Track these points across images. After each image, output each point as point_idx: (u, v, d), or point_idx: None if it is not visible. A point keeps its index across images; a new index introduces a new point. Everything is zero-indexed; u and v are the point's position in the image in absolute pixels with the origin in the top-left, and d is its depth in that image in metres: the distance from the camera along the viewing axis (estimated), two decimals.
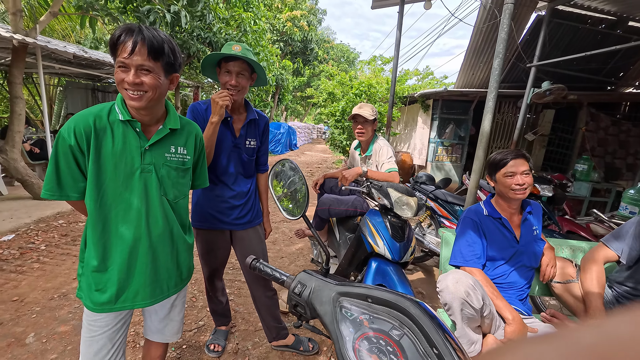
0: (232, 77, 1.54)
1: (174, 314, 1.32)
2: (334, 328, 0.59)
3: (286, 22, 15.77)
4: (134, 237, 1.08)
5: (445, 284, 1.42)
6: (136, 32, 0.97)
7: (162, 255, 1.16)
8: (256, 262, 0.81)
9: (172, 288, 1.23)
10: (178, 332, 1.38)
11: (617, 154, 6.68)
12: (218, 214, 1.71)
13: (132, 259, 1.10)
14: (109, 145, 1.03)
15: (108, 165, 1.03)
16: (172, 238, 1.19)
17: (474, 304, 1.35)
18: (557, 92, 4.51)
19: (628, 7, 5.14)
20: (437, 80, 16.45)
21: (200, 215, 1.73)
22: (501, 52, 2.22)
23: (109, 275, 1.08)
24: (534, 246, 1.64)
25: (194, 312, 2.43)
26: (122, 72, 0.98)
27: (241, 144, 1.69)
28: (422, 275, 3.28)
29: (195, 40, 7.86)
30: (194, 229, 1.78)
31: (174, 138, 1.16)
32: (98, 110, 1.04)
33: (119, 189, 1.05)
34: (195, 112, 1.63)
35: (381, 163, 2.24)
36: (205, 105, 1.64)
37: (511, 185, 1.58)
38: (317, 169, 10.40)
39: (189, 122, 1.25)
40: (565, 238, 2.67)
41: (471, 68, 6.51)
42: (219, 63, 1.58)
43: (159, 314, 1.29)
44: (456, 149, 7.19)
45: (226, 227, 1.75)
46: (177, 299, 1.31)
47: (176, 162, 1.16)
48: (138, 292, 1.13)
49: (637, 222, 1.55)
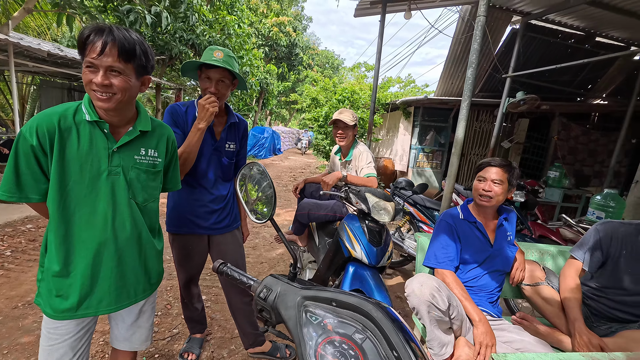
0: (212, 84, 1.52)
1: (143, 321, 1.28)
2: (297, 332, 0.59)
3: (272, 27, 15.79)
4: (99, 241, 1.04)
5: (411, 289, 1.44)
6: (106, 32, 0.94)
7: (130, 259, 1.13)
8: (223, 266, 0.79)
9: (140, 293, 1.19)
10: (147, 339, 1.33)
11: (586, 162, 7.02)
12: (196, 218, 1.67)
13: (97, 263, 1.06)
14: (74, 146, 0.99)
15: (73, 166, 0.99)
16: (140, 242, 1.15)
17: (439, 305, 1.38)
18: (531, 101, 4.71)
19: (595, 24, 5.46)
20: (418, 89, 16.84)
21: (177, 220, 1.69)
22: (474, 62, 2.31)
23: (72, 280, 1.04)
24: (507, 251, 1.69)
25: (167, 319, 2.36)
26: (90, 73, 0.95)
27: (221, 147, 1.67)
28: (401, 279, 3.32)
29: (178, 42, 7.76)
30: (170, 235, 1.74)
31: (145, 140, 1.13)
32: (63, 110, 1.00)
33: (84, 191, 1.01)
34: (174, 114, 1.59)
35: (360, 168, 2.26)
36: (185, 107, 1.61)
37: (479, 190, 1.63)
38: (300, 173, 10.38)
39: (161, 124, 1.22)
40: (536, 242, 2.77)
41: (450, 77, 6.72)
42: (200, 67, 1.57)
43: (126, 321, 1.24)
44: (436, 155, 7.36)
45: (204, 231, 1.71)
46: (146, 305, 1.27)
47: (146, 164, 1.13)
48: (102, 298, 1.09)
49: (594, 230, 1.62)
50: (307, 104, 8.86)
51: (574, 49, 6.18)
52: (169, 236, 1.75)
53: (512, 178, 1.62)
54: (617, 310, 1.53)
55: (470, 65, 2.33)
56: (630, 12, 4.62)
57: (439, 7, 5.79)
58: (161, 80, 8.87)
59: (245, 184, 1.07)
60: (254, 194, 1.06)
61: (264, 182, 0.85)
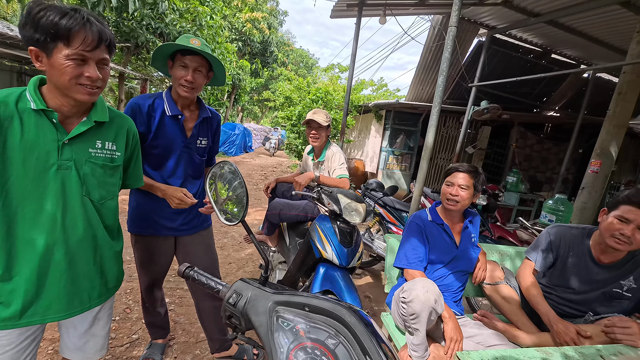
0: (188, 72, 1.41)
1: (97, 329, 1.18)
2: (268, 339, 0.57)
3: (246, 22, 15.45)
4: (46, 243, 0.95)
5: (416, 294, 1.40)
6: (92, 21, 0.89)
7: (83, 263, 1.03)
8: (189, 270, 0.75)
9: (95, 299, 1.10)
10: (102, 348, 1.23)
11: (539, 169, 7.58)
12: (162, 219, 1.57)
13: (44, 267, 0.96)
14: (16, 137, 0.89)
15: (15, 159, 0.89)
16: (95, 244, 1.06)
17: (438, 310, 1.39)
18: (494, 110, 5.00)
19: (551, 42, 5.91)
20: (390, 92, 17.26)
21: (140, 221, 1.58)
22: (445, 70, 2.40)
23: (14, 285, 0.93)
24: (471, 252, 1.77)
25: (127, 324, 2.22)
26: (77, 66, 0.88)
27: (192, 144, 1.57)
28: (370, 279, 3.38)
29: (145, 30, 7.35)
30: (132, 235, 1.62)
31: (102, 132, 1.04)
32: (3, 97, 0.89)
33: (29, 187, 0.91)
34: (135, 110, 1.43)
35: (333, 169, 2.27)
36: (152, 99, 1.48)
37: (447, 194, 1.69)
38: (271, 172, 10.26)
39: (121, 115, 1.13)
40: (496, 243, 2.94)
41: (421, 83, 6.96)
42: (172, 55, 1.46)
43: (78, 329, 1.14)
44: (406, 158, 7.59)
45: (170, 233, 1.61)
46: (102, 311, 1.18)
47: (103, 158, 1.04)
48: (51, 305, 0.99)
49: (546, 233, 1.74)
50: (281, 102, 8.77)
51: (533, 64, 6.64)
52: (131, 237, 1.64)
53: (477, 183, 1.70)
54: (565, 307, 1.65)
55: (441, 73, 2.42)
56: (581, 33, 5.05)
57: (413, 15, 5.97)
58: (125, 69, 8.36)
59: (215, 182, 1.02)
60: (224, 193, 1.01)
61: (235, 182, 0.82)
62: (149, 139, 1.47)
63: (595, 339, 1.37)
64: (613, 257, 1.52)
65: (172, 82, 1.50)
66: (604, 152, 3.61)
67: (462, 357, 1.01)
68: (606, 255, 1.53)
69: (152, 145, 1.48)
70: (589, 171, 3.72)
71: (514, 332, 1.62)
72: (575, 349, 1.15)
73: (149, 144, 1.48)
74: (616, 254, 1.51)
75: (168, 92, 1.53)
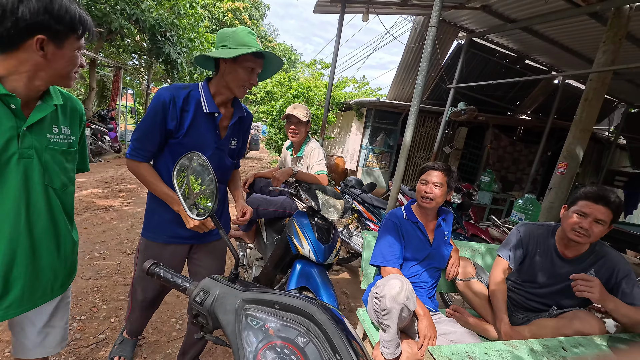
0: (254, 75, 1.32)
1: (57, 320, 1.12)
2: (235, 339, 0.54)
3: (226, 12, 15.06)
4: (9, 237, 0.89)
5: (388, 290, 1.41)
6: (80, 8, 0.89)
7: (47, 253, 0.99)
8: (155, 267, 0.71)
9: (57, 289, 1.06)
10: (63, 340, 1.16)
11: (510, 170, 7.90)
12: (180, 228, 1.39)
13: (9, 261, 0.90)
14: None
15: None
16: (58, 233, 1.02)
17: (410, 307, 1.41)
18: (470, 112, 5.15)
19: (526, 48, 6.14)
20: (372, 91, 17.42)
21: (157, 227, 1.42)
22: (424, 69, 2.43)
23: None
24: (443, 250, 1.81)
25: (93, 324, 2.11)
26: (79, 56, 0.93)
27: (225, 145, 1.43)
28: (347, 275, 3.40)
29: (119, 15, 6.99)
30: (144, 241, 1.47)
31: (56, 116, 0.98)
32: None
33: None
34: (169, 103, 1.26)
35: (312, 165, 2.25)
36: (187, 90, 1.32)
37: (421, 192, 1.72)
38: (251, 167, 10.11)
39: (71, 97, 1.07)
40: (469, 240, 3.03)
41: (401, 82, 7.05)
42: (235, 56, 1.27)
43: (36, 324, 1.07)
44: (385, 156, 7.69)
45: (189, 241, 1.48)
46: (61, 301, 1.12)
47: (62, 144, 0.99)
48: (16, 299, 0.94)
49: (516, 231, 1.81)
50: (261, 97, 8.63)
51: (508, 68, 6.89)
52: (142, 242, 1.48)
53: (451, 181, 1.73)
54: (532, 301, 1.72)
55: (420, 72, 2.45)
56: (553, 41, 5.28)
57: (395, 15, 6.02)
58: (97, 55, 7.94)
59: (187, 175, 0.97)
60: (197, 187, 0.97)
61: (205, 176, 0.78)
62: (180, 136, 1.32)
63: (555, 333, 1.45)
64: (576, 252, 1.61)
65: (225, 80, 1.33)
66: (571, 155, 3.80)
67: (433, 351, 1.03)
68: (569, 249, 1.61)
69: (180, 143, 1.32)
70: (556, 172, 3.91)
71: (484, 326, 1.68)
72: (539, 341, 1.20)
73: (177, 141, 1.32)
74: (578, 248, 1.60)
75: (205, 84, 1.37)
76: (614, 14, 3.60)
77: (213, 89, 1.36)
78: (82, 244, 3.21)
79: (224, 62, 1.30)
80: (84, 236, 3.39)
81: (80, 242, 3.22)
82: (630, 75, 5.93)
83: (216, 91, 1.36)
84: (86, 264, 2.83)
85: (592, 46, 4.99)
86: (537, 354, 1.11)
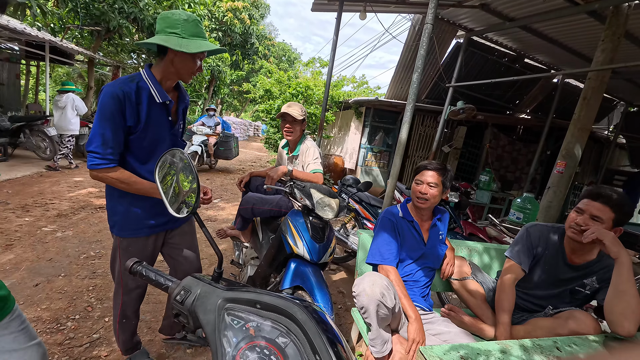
0: (199, 63, 1.37)
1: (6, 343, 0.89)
2: (215, 338, 0.53)
3: (226, 11, 15.02)
4: None
5: (362, 288, 1.42)
6: None
7: None
8: (137, 265, 0.70)
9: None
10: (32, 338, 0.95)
11: (509, 169, 7.89)
12: (157, 216, 1.48)
13: None
14: None
15: None
16: None
17: (388, 304, 1.40)
18: (469, 111, 5.13)
19: (525, 47, 6.12)
20: (371, 90, 17.36)
21: (135, 223, 1.45)
22: (420, 67, 2.41)
23: None
24: (438, 249, 1.79)
25: (87, 323, 2.10)
26: None
27: (177, 130, 1.51)
28: (344, 275, 3.38)
29: (117, 14, 6.97)
30: (124, 240, 1.46)
31: None
32: None
33: None
34: (124, 100, 1.24)
35: (307, 163, 2.23)
36: (134, 82, 1.29)
37: (416, 192, 1.71)
38: (250, 167, 10.09)
39: None
40: (467, 239, 3.02)
41: (400, 82, 7.03)
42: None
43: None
44: (384, 155, 7.67)
45: (161, 229, 1.54)
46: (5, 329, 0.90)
47: None
48: None
49: (525, 232, 1.73)
50: (260, 95, 8.61)
51: (507, 67, 6.87)
52: (121, 242, 1.48)
53: (446, 180, 1.72)
54: (528, 302, 1.71)
55: (415, 70, 2.43)
56: (552, 40, 5.27)
57: (393, 13, 6.00)
58: (95, 54, 7.92)
59: (177, 173, 0.96)
60: (187, 185, 0.96)
61: (187, 171, 0.77)
62: (139, 130, 1.32)
63: (550, 333, 1.43)
64: (583, 259, 1.57)
65: (175, 67, 1.33)
66: (569, 154, 3.79)
67: (425, 352, 1.02)
68: (577, 255, 1.58)
69: (140, 137, 1.34)
70: (554, 172, 3.90)
71: (479, 325, 1.67)
72: (533, 341, 1.19)
73: (137, 136, 1.32)
74: (587, 255, 1.56)
75: (149, 73, 1.34)
76: (613, 12, 3.58)
77: (159, 75, 1.35)
78: (78, 243, 3.20)
79: (175, 51, 1.28)
80: (80, 235, 3.38)
81: (77, 241, 3.22)
82: (629, 74, 5.92)
83: (163, 77, 1.36)
84: (82, 263, 2.82)
85: (590, 45, 4.97)
86: (530, 353, 1.10)
